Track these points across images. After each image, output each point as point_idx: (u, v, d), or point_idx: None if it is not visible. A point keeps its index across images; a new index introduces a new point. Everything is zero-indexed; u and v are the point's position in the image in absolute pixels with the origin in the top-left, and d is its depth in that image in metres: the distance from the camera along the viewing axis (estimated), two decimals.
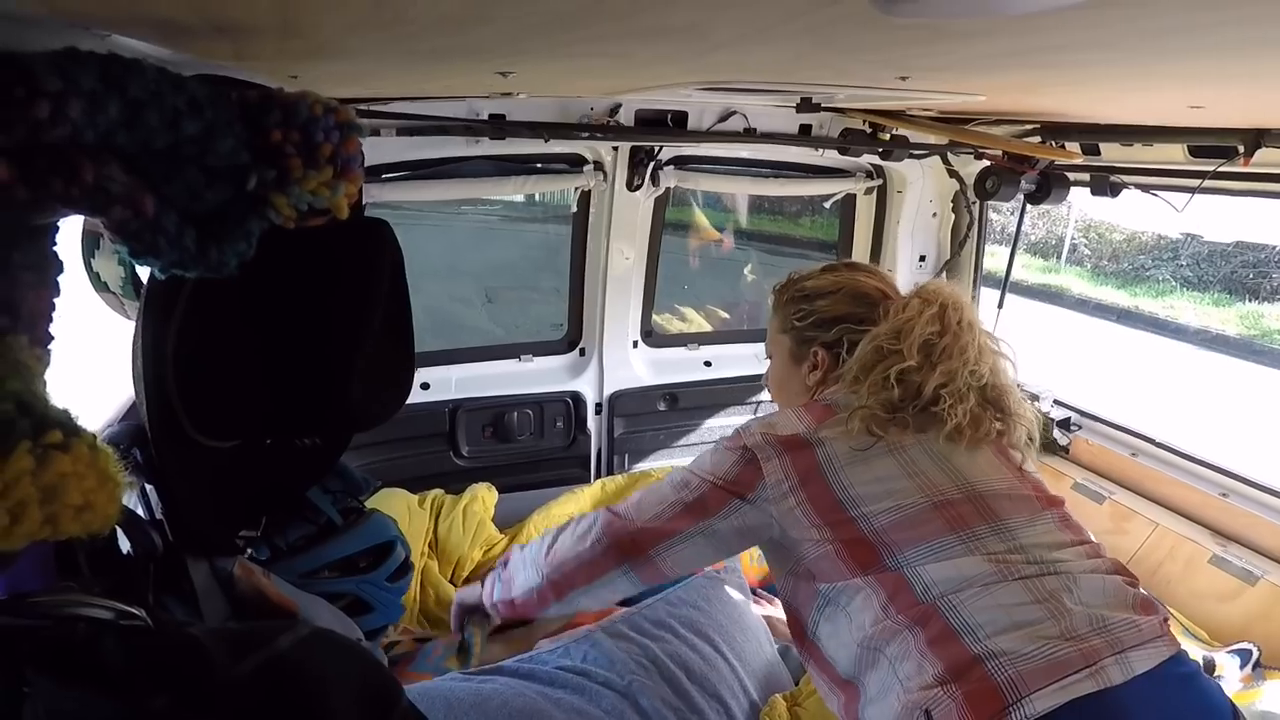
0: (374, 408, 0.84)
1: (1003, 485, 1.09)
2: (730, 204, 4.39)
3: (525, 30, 0.53)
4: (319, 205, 0.56)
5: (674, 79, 1.28)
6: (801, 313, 1.27)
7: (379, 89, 1.23)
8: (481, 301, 5.06)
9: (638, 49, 0.74)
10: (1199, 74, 1.16)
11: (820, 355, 1.25)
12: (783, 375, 1.32)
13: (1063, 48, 0.78)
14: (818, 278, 1.31)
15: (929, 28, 0.59)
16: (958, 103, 1.62)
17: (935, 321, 1.15)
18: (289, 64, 0.82)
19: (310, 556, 1.03)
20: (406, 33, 0.52)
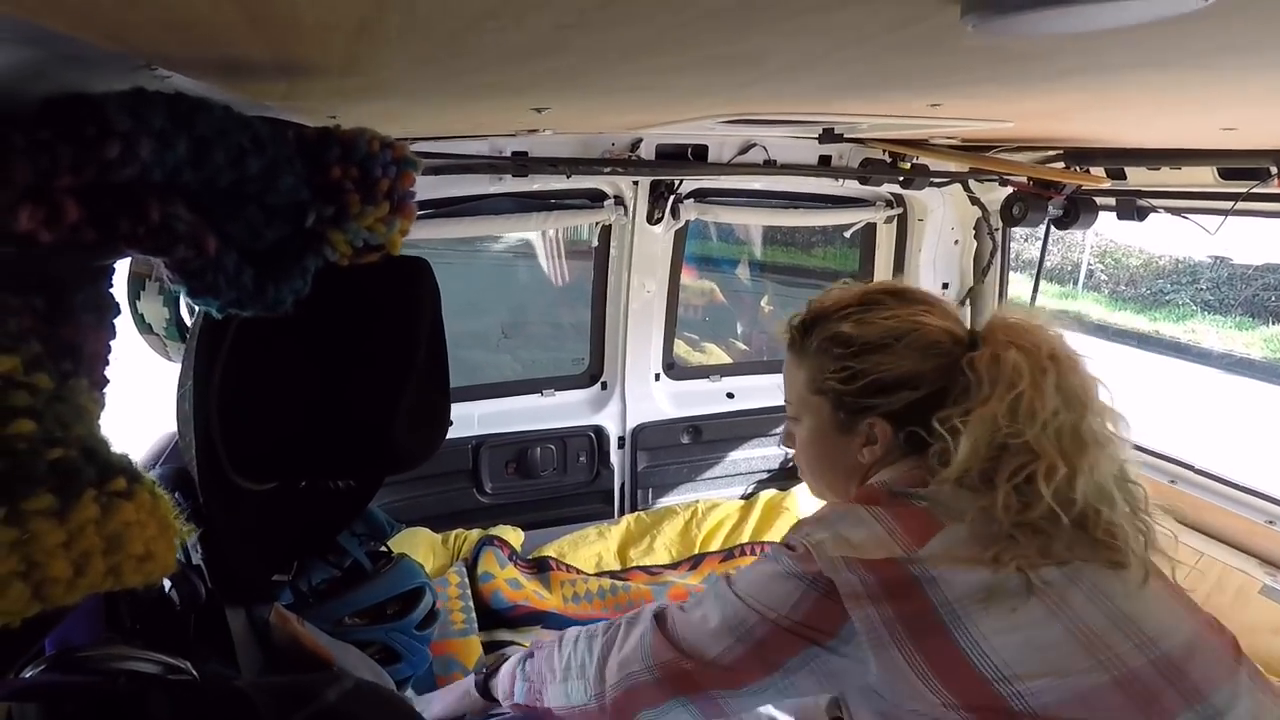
0: (416, 448, 0.82)
1: (1188, 634, 0.80)
2: (744, 235, 4.41)
3: (588, 61, 0.53)
4: (374, 242, 0.55)
5: (703, 112, 1.28)
6: (846, 371, 0.94)
7: (413, 129, 1.24)
8: (498, 338, 5.08)
9: (680, 81, 0.73)
10: (1237, 95, 1.14)
11: (880, 428, 0.94)
12: (823, 449, 0.99)
13: (1115, 68, 0.77)
14: (861, 318, 0.95)
15: (988, 50, 0.58)
16: (983, 130, 1.62)
17: (1054, 388, 0.85)
18: (333, 104, 0.82)
19: (342, 603, 1.01)
20: (467, 68, 0.52)
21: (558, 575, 2.21)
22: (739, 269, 4.55)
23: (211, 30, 0.35)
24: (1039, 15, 0.34)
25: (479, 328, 5.18)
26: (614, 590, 2.20)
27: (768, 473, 2.91)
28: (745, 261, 4.58)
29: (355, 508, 0.97)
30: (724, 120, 1.51)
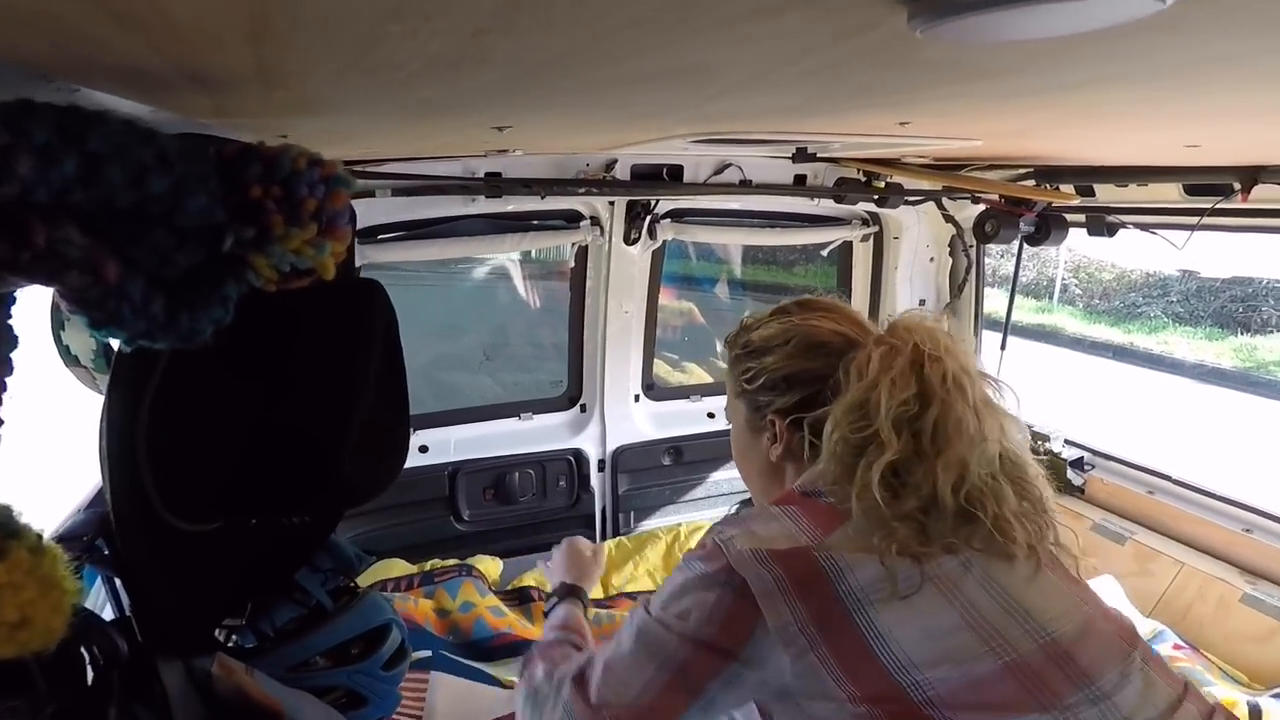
0: (368, 480, 0.77)
1: (1079, 621, 0.82)
2: (724, 254, 4.40)
3: (522, 75, 0.49)
4: (303, 266, 0.51)
5: (670, 131, 1.25)
6: (750, 372, 1.00)
7: (374, 149, 1.20)
8: (480, 361, 5.01)
9: (638, 97, 0.71)
10: (1200, 112, 1.14)
11: (779, 426, 0.97)
12: (742, 447, 1.05)
13: (1078, 85, 0.75)
14: (765, 325, 1.02)
15: (949, 64, 0.55)
16: (953, 148, 1.61)
17: (908, 382, 0.85)
18: (276, 121, 0.78)
19: (300, 646, 0.94)
20: (396, 80, 0.49)
21: (540, 606, 2.14)
22: (718, 288, 4.54)
23: (72, 27, 0.31)
24: (987, 18, 0.31)
25: (459, 350, 5.11)
26: (598, 620, 2.13)
27: (749, 493, 2.87)
28: (724, 280, 4.57)
29: (313, 544, 0.92)
30: (694, 140, 1.49)
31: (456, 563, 2.23)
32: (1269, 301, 7.93)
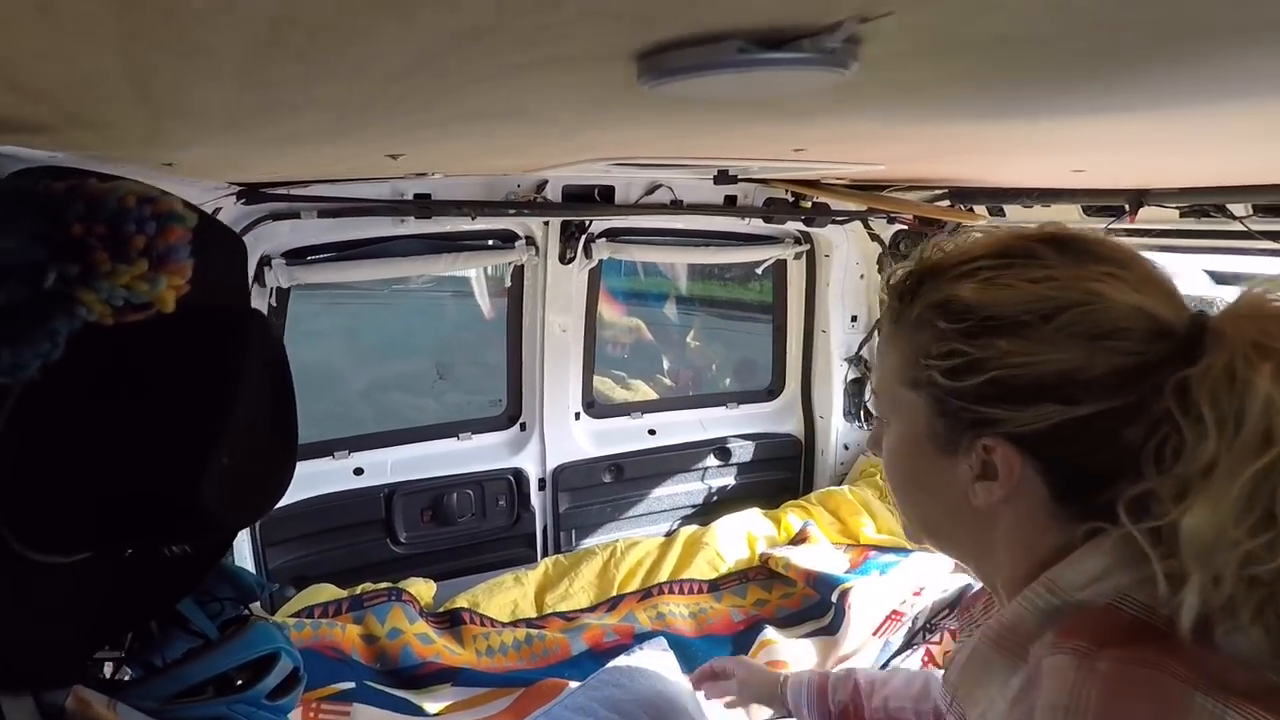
0: (236, 511, 0.77)
1: None
2: (670, 271, 4.46)
3: (359, 115, 0.51)
4: (136, 300, 0.52)
5: (581, 155, 1.29)
6: (957, 358, 0.60)
7: (275, 172, 1.20)
8: (432, 379, 4.98)
9: (503, 131, 0.73)
10: (1079, 142, 1.21)
11: (1004, 457, 0.60)
12: (915, 469, 0.68)
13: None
14: (993, 278, 0.60)
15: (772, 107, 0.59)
16: (863, 171, 1.68)
17: None
18: (162, 151, 0.79)
19: (172, 678, 0.93)
20: (270, 119, 0.50)
21: (470, 629, 2.13)
22: (666, 305, 4.59)
23: None
24: (695, 82, 0.34)
25: (407, 370, 5.05)
26: (529, 640, 2.13)
27: (692, 508, 2.90)
28: (673, 297, 4.62)
29: (195, 574, 0.91)
30: (613, 164, 1.53)
31: (387, 586, 2.21)
32: None
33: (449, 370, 4.89)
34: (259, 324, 0.80)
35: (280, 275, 2.10)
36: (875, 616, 2.11)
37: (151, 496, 0.69)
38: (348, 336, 4.91)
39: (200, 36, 0.30)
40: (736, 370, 3.68)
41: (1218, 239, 1.68)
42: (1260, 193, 1.56)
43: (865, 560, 2.39)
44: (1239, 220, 1.58)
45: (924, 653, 2.02)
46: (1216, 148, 1.26)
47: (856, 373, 2.88)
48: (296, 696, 1.07)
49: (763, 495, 2.85)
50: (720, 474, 2.91)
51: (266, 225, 1.95)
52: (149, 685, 0.92)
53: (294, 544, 2.41)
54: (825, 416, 2.94)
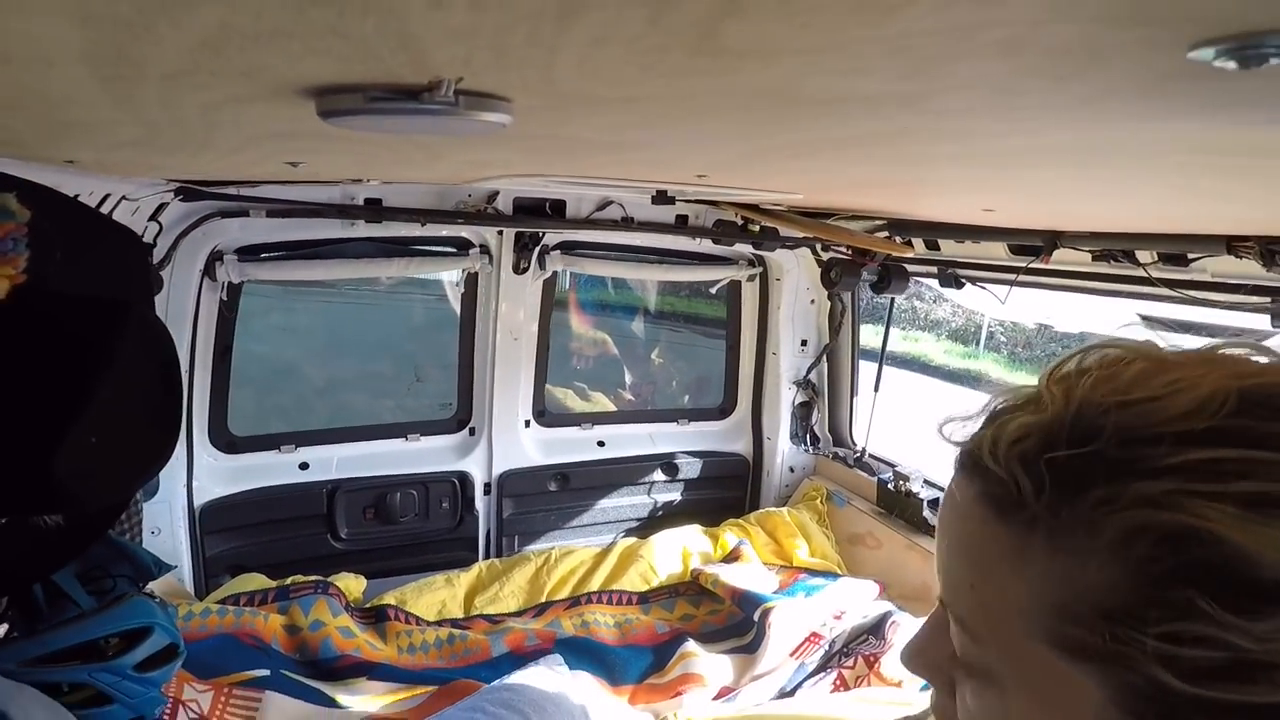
0: (95, 488, 0.83)
1: None
2: (639, 286, 4.51)
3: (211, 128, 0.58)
4: None
5: (484, 172, 1.34)
6: (1226, 652, 0.32)
7: (190, 171, 1.26)
8: (409, 383, 5.00)
9: (378, 150, 0.79)
10: (982, 183, 1.28)
11: None
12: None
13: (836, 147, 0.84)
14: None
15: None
16: (781, 199, 1.74)
17: None
18: (59, 154, 0.85)
19: (36, 642, 0.98)
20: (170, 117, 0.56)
21: (394, 625, 2.17)
22: (635, 320, 4.63)
23: None
24: (365, 119, 0.40)
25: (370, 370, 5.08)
26: (451, 640, 2.17)
27: (636, 521, 2.94)
28: (642, 311, 4.67)
29: (70, 547, 0.96)
30: (514, 177, 1.57)
31: (316, 579, 2.25)
32: None
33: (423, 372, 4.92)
34: (138, 318, 0.85)
35: (231, 271, 2.16)
36: (794, 637, 2.15)
37: (9, 468, 0.74)
38: (311, 335, 4.95)
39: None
40: (695, 386, 3.72)
41: (1126, 283, 1.75)
42: (1164, 241, 1.62)
43: (794, 582, 2.44)
44: (1143, 267, 1.64)
45: (835, 676, 2.06)
46: (1121, 196, 1.33)
47: (805, 396, 2.94)
48: (170, 671, 1.11)
49: (707, 512, 2.89)
50: (666, 489, 2.96)
51: (215, 222, 2.01)
52: (9, 647, 0.97)
53: (234, 533, 2.45)
54: (772, 438, 2.99)
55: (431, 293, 7.75)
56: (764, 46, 0.32)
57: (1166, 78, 0.35)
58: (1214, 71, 0.31)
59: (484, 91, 0.45)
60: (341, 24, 0.30)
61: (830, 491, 2.82)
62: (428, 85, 0.36)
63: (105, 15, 0.30)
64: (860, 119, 0.56)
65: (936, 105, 0.47)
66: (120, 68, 0.38)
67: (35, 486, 0.75)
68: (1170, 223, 1.57)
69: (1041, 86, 0.40)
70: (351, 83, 0.38)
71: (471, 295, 2.61)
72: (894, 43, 0.31)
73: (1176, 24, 0.28)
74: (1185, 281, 1.60)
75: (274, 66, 0.37)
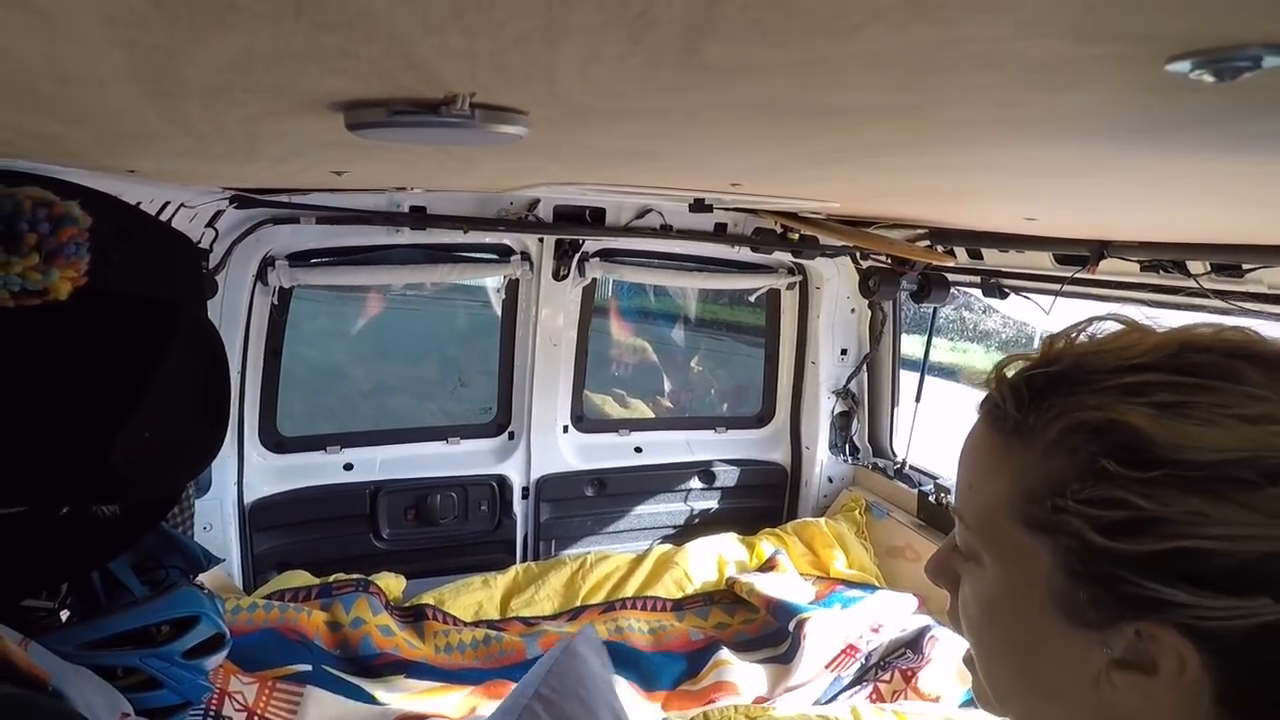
0: (151, 479, 0.88)
1: None
2: (680, 295, 4.53)
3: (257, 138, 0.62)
4: (33, 287, 0.63)
5: (527, 180, 1.39)
6: (1127, 511, 0.43)
7: (244, 179, 1.33)
8: (452, 387, 5.13)
9: (414, 159, 0.83)
10: (1020, 190, 1.26)
11: (1177, 656, 0.43)
12: (1018, 633, 0.51)
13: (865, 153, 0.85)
14: (1180, 404, 0.44)
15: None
16: (819, 208, 1.74)
17: None
18: (124, 158, 0.91)
19: (91, 627, 1.05)
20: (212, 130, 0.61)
21: (432, 625, 2.22)
22: (675, 328, 4.66)
23: None
24: (389, 131, 0.43)
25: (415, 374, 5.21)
26: (487, 640, 2.21)
27: (672, 528, 2.95)
28: (682, 319, 4.69)
29: (126, 536, 1.02)
30: (552, 185, 1.61)
31: (357, 578, 2.32)
32: None
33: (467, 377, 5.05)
34: (190, 319, 0.91)
35: (283, 276, 2.26)
36: (830, 649, 2.13)
37: (70, 458, 0.80)
38: (359, 339, 5.11)
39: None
40: (733, 394, 3.72)
41: (1177, 294, 1.69)
42: (1217, 252, 1.57)
43: (831, 593, 2.41)
44: (1194, 278, 1.59)
45: (872, 689, 2.03)
46: (1170, 205, 1.29)
47: (844, 406, 2.91)
48: (217, 660, 1.17)
49: (744, 521, 2.89)
50: (703, 497, 2.96)
51: (268, 229, 2.11)
52: (68, 631, 1.04)
53: (281, 531, 2.55)
54: (811, 447, 2.97)
55: (475, 299, 7.94)
56: (748, 63, 0.34)
57: (1152, 91, 0.36)
58: (1197, 84, 0.31)
59: (498, 105, 0.47)
60: (351, 48, 0.32)
61: (869, 503, 2.78)
62: (444, 99, 0.39)
63: (144, 41, 0.33)
64: (869, 129, 0.57)
65: (940, 116, 0.48)
66: (163, 85, 0.42)
67: (94, 477, 0.81)
68: (1223, 233, 1.52)
69: (1037, 100, 0.40)
70: (373, 98, 0.41)
71: (512, 301, 2.67)
72: (869, 59, 0.32)
73: (1149, 39, 0.28)
74: (1240, 293, 1.54)
75: (299, 84, 0.40)
